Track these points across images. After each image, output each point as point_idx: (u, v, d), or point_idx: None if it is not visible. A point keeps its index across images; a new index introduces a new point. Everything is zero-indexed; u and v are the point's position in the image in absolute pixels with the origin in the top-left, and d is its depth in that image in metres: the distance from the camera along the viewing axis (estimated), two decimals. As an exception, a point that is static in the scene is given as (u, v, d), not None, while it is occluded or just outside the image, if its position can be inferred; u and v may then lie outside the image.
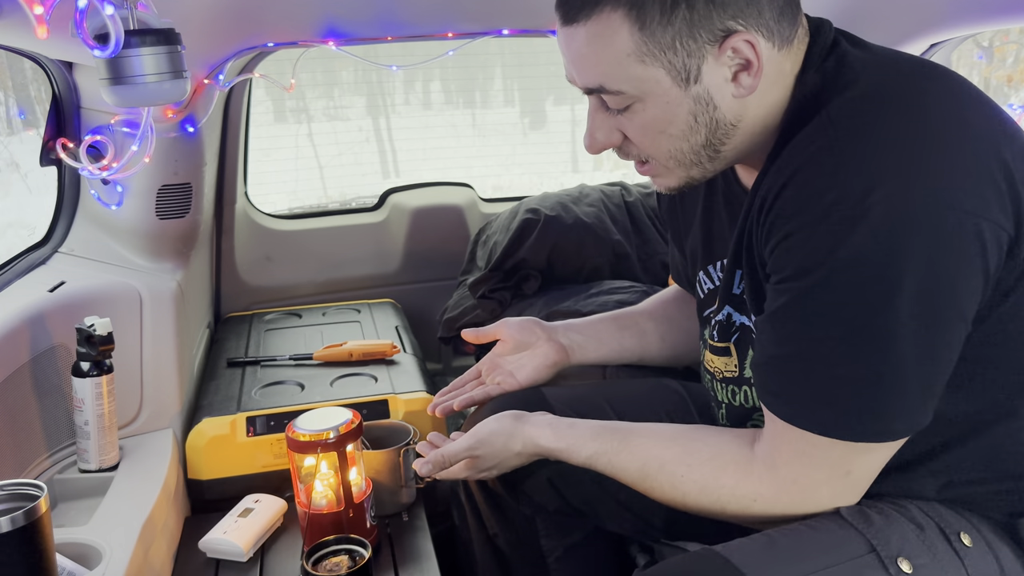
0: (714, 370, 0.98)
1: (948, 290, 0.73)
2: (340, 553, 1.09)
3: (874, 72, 0.79)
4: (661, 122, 0.81)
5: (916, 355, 0.73)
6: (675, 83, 0.79)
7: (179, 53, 0.94)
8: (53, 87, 1.36)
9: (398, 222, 2.31)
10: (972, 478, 0.84)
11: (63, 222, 1.46)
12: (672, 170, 0.87)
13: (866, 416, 0.75)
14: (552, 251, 1.98)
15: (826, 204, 0.73)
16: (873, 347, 0.73)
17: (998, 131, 0.75)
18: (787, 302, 0.77)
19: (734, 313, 0.93)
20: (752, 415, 0.95)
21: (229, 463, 1.39)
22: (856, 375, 0.74)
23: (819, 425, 0.77)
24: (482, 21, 1.54)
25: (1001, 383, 0.80)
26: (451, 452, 1.00)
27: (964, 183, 0.71)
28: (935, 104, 0.76)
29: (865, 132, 0.74)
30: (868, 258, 0.71)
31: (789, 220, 0.76)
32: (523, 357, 1.17)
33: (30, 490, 0.87)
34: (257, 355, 1.74)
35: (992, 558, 0.80)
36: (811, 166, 0.75)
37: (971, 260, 0.72)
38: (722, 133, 0.82)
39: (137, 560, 1.02)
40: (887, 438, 0.77)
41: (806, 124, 0.78)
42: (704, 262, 1.02)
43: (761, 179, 0.82)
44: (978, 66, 3.50)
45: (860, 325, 0.73)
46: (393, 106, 4.20)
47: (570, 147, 4.31)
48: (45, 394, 1.21)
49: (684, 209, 1.09)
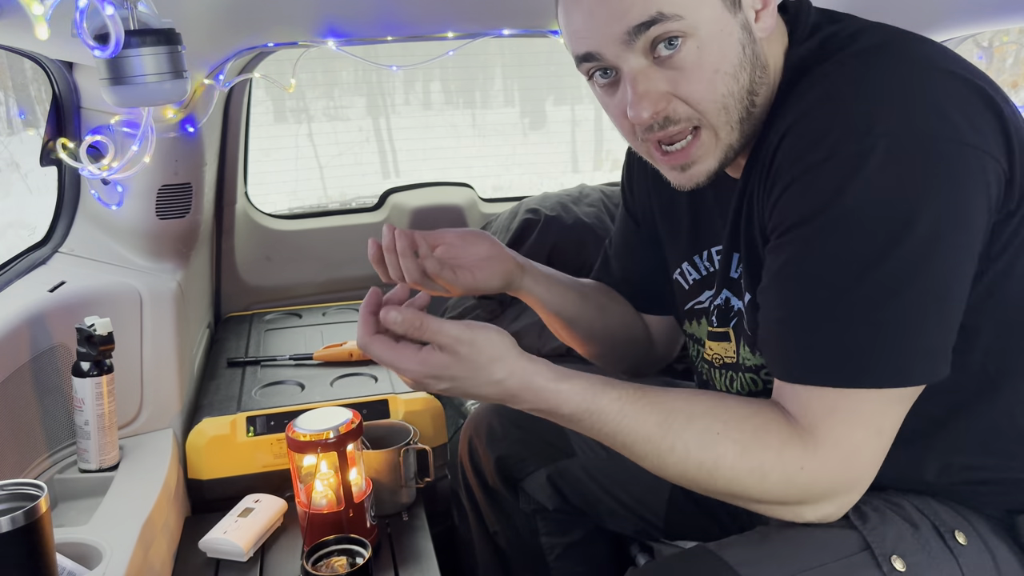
0: (712, 357, 0.96)
1: (962, 224, 0.71)
2: (340, 553, 1.09)
3: (861, 37, 0.79)
4: (716, 56, 0.77)
5: (934, 292, 0.71)
6: (725, 7, 0.77)
7: (179, 53, 0.94)
8: (53, 87, 1.36)
9: (398, 222, 2.31)
10: (971, 463, 0.82)
11: (63, 222, 1.46)
12: (719, 135, 0.80)
13: (892, 360, 0.72)
14: (552, 251, 1.98)
15: (830, 143, 0.71)
16: (891, 287, 0.70)
17: (979, 73, 0.76)
18: (792, 255, 0.74)
19: (732, 297, 0.91)
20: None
21: (229, 463, 1.39)
22: (877, 319, 0.71)
23: (848, 378, 0.72)
24: (482, 21, 1.54)
25: (991, 354, 0.79)
26: (432, 328, 0.77)
27: (965, 118, 0.71)
28: (924, 51, 0.76)
29: (861, 77, 0.73)
30: (879, 193, 0.69)
31: (791, 167, 0.74)
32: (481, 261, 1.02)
33: (30, 490, 0.86)
34: (257, 355, 1.74)
35: (988, 556, 0.80)
36: (810, 114, 0.74)
37: (979, 194, 0.71)
38: (759, 74, 0.80)
39: (137, 560, 1.02)
40: (913, 381, 0.73)
41: (796, 86, 0.78)
42: (690, 252, 1.00)
43: (752, 154, 0.82)
44: (978, 66, 3.49)
45: (875, 265, 0.70)
46: (393, 106, 4.20)
47: (570, 147, 4.31)
48: (45, 394, 1.21)
49: (662, 204, 1.05)
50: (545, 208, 2.04)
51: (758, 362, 0.89)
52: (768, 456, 0.74)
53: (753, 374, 0.90)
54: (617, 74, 0.80)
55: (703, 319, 0.99)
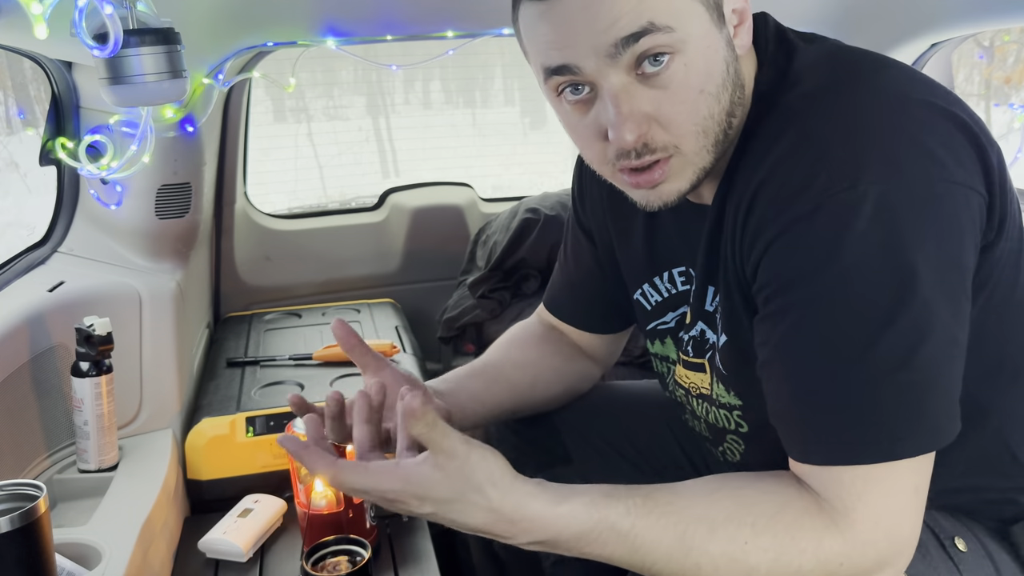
0: (689, 385, 0.92)
1: (958, 265, 0.67)
2: (340, 553, 1.08)
3: (821, 63, 0.75)
4: (702, 75, 0.70)
5: (945, 341, 0.67)
6: (712, 22, 0.71)
7: (178, 52, 0.94)
8: (52, 87, 1.36)
9: (398, 222, 2.30)
10: (963, 485, 0.81)
11: (62, 222, 1.46)
12: (691, 160, 0.74)
13: (923, 423, 0.67)
14: (552, 251, 1.98)
15: (817, 191, 0.66)
16: (906, 345, 0.65)
17: (952, 98, 0.72)
18: (794, 323, 0.68)
19: (707, 330, 0.86)
20: (726, 436, 0.90)
21: (229, 463, 1.39)
22: (900, 380, 0.66)
23: (884, 452, 0.66)
24: (482, 21, 1.54)
25: (980, 384, 0.75)
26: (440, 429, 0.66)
27: (950, 153, 0.67)
28: (897, 81, 0.72)
29: (838, 114, 0.69)
30: (876, 247, 0.64)
31: (776, 219, 0.68)
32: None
33: (29, 490, 0.86)
34: (257, 355, 1.74)
35: (988, 562, 0.80)
36: (788, 158, 0.69)
37: (969, 233, 0.68)
38: (739, 95, 0.75)
39: (136, 560, 1.02)
40: (945, 438, 0.68)
41: (760, 124, 0.74)
42: (649, 274, 0.95)
43: (727, 186, 0.77)
44: (979, 66, 3.50)
45: (887, 324, 0.65)
46: (393, 106, 4.20)
47: (570, 147, 4.29)
48: (44, 394, 1.20)
49: (617, 222, 0.99)
50: (545, 208, 2.04)
51: (734, 402, 0.85)
52: (805, 559, 0.67)
53: (727, 412, 0.87)
54: (592, 90, 0.72)
55: (668, 339, 0.95)
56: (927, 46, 1.64)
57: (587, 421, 1.11)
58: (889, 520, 0.68)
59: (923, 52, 1.65)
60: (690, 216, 0.85)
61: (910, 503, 0.68)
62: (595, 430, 1.10)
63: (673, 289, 0.93)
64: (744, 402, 0.83)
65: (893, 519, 0.68)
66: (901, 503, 0.68)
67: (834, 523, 0.67)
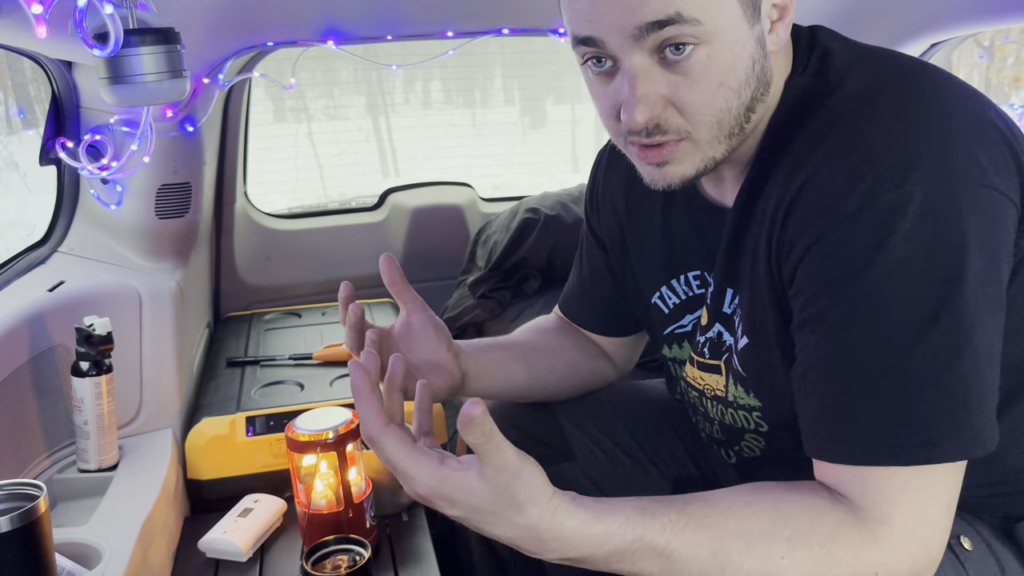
0: (704, 387, 0.91)
1: (996, 275, 0.67)
2: (340, 553, 1.08)
3: (862, 66, 0.76)
4: (724, 69, 0.71)
5: (986, 347, 0.66)
6: (744, 17, 0.71)
7: (178, 52, 0.94)
8: (53, 87, 1.36)
9: (398, 222, 2.31)
10: (968, 483, 0.80)
11: (62, 222, 1.46)
12: (701, 147, 0.74)
13: (964, 427, 0.66)
14: (552, 250, 1.98)
15: (862, 192, 0.66)
16: (950, 346, 0.65)
17: (991, 105, 0.73)
18: (838, 320, 0.68)
19: (724, 332, 0.86)
20: (743, 435, 0.90)
21: (228, 463, 1.39)
22: (943, 383, 0.65)
23: (924, 454, 0.65)
24: (482, 20, 1.54)
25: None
26: (495, 441, 0.65)
27: (991, 160, 0.68)
28: (936, 86, 0.73)
29: (882, 119, 0.69)
30: (924, 244, 0.64)
31: (818, 220, 0.68)
32: (431, 373, 0.96)
33: (29, 490, 0.86)
34: (257, 355, 1.74)
35: (993, 561, 0.80)
36: (831, 160, 0.69)
37: (1005, 246, 0.68)
38: (762, 91, 0.75)
39: (136, 560, 1.02)
40: (985, 447, 0.67)
41: (802, 127, 0.74)
42: (667, 276, 0.95)
43: (755, 188, 0.77)
44: (979, 66, 3.51)
45: (931, 323, 0.64)
46: (393, 105, 4.21)
47: (570, 147, 4.31)
48: (44, 394, 1.21)
49: (633, 227, 1.00)
50: (545, 207, 2.04)
51: (753, 403, 0.85)
52: (842, 570, 0.67)
53: (746, 412, 0.87)
54: (615, 65, 0.73)
55: (684, 343, 0.95)
56: (927, 46, 1.64)
57: (591, 418, 1.11)
58: (925, 530, 0.67)
59: (923, 52, 1.65)
60: (708, 218, 0.86)
61: (943, 516, 0.68)
62: (599, 427, 1.10)
63: (690, 292, 0.94)
64: (764, 403, 0.83)
65: (929, 529, 0.68)
66: (935, 514, 0.68)
67: (872, 532, 0.67)
